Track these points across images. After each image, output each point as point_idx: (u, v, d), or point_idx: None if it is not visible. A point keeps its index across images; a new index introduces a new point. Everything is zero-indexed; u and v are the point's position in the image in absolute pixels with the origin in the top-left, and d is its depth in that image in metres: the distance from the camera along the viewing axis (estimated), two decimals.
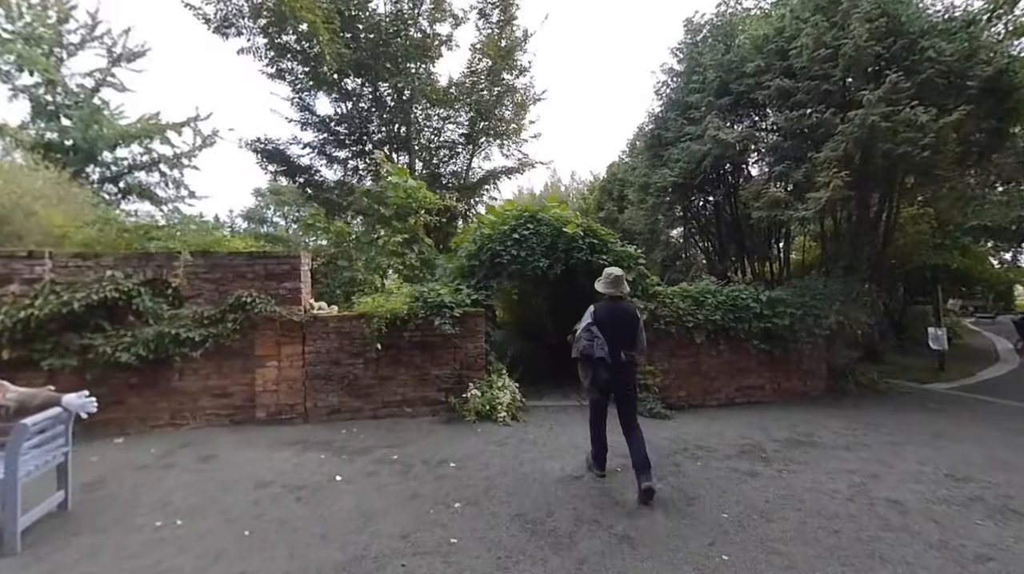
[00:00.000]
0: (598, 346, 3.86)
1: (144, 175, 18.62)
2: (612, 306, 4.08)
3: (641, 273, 7.05)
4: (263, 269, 5.76)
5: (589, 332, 3.94)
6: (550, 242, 6.82)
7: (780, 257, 10.93)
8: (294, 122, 14.93)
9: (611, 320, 3.98)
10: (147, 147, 18.23)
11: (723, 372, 7.16)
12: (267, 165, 14.44)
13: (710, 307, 6.93)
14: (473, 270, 6.78)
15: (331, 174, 16.42)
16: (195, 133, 16.27)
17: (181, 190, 17.57)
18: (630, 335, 4.02)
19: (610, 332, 3.92)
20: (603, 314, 4.02)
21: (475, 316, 6.27)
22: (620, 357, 3.93)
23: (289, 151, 14.78)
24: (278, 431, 5.57)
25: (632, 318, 4.07)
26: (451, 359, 6.20)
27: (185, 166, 18.77)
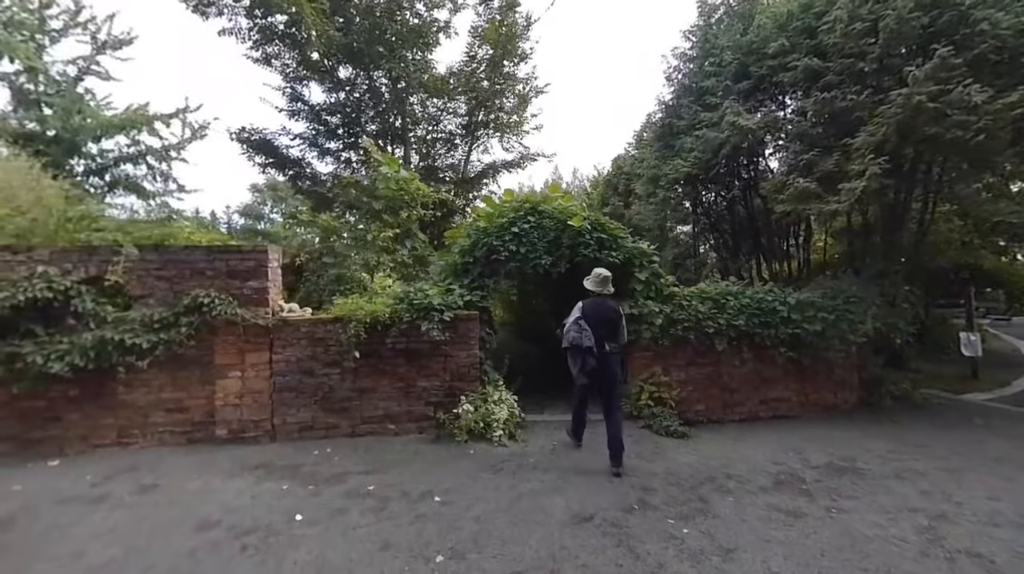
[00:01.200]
0: (586, 337, 4.31)
1: (132, 168, 17.92)
2: (598, 302, 4.60)
3: (655, 272, 6.31)
4: (224, 266, 5.02)
5: (578, 325, 4.37)
6: (553, 237, 6.08)
7: (799, 256, 10.17)
8: (284, 111, 14.18)
9: (597, 315, 4.48)
10: (134, 139, 17.54)
11: (746, 383, 6.42)
12: (253, 156, 13.68)
13: (732, 310, 6.18)
14: (467, 268, 6.04)
15: (323, 167, 15.69)
16: (184, 125, 15.55)
17: (170, 183, 16.87)
18: (613, 329, 4.54)
19: (596, 325, 4.39)
20: (590, 309, 4.51)
21: (468, 320, 5.53)
22: (605, 348, 4.42)
23: (277, 142, 14.03)
24: (240, 452, 4.84)
25: (616, 313, 4.61)
26: (440, 369, 5.46)
27: (174, 159, 18.06)
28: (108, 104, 16.27)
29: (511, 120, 16.27)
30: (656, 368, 6.13)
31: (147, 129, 17.59)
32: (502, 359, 6.20)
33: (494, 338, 6.10)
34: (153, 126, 17.55)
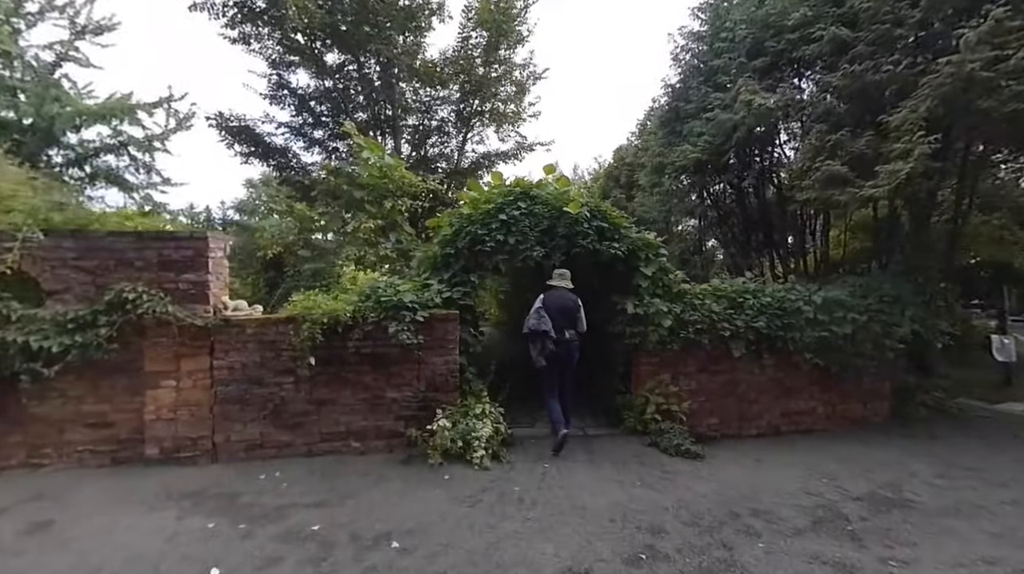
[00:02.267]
0: (543, 322, 4.66)
1: (114, 159, 17.18)
2: (558, 294, 4.95)
3: (662, 266, 5.53)
4: (156, 255, 4.25)
5: (538, 314, 4.73)
6: (547, 225, 5.30)
7: (816, 251, 9.39)
8: (267, 97, 13.38)
9: (556, 304, 4.85)
10: (116, 129, 16.80)
11: (766, 393, 5.65)
12: (232, 144, 12.89)
13: (751, 311, 5.40)
14: (448, 261, 5.26)
15: (310, 157, 14.92)
16: (168, 114, 14.74)
17: (153, 176, 16.12)
18: (572, 318, 4.89)
19: (555, 315, 4.76)
20: (550, 300, 4.87)
21: (446, 320, 4.76)
22: (564, 335, 4.78)
23: (259, 129, 13.23)
24: (171, 476, 4.08)
25: (574, 303, 4.95)
26: (413, 377, 4.69)
27: (157, 150, 17.37)
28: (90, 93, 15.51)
29: (508, 109, 15.49)
30: (664, 376, 5.36)
31: (128, 118, 16.85)
32: (487, 365, 5.42)
33: (478, 341, 5.33)
34: (135, 115, 16.82)
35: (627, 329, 5.32)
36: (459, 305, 4.98)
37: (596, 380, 6.26)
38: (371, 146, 8.57)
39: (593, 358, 6.51)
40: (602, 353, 6.13)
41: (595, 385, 6.25)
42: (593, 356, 6.52)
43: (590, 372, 6.55)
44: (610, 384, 5.84)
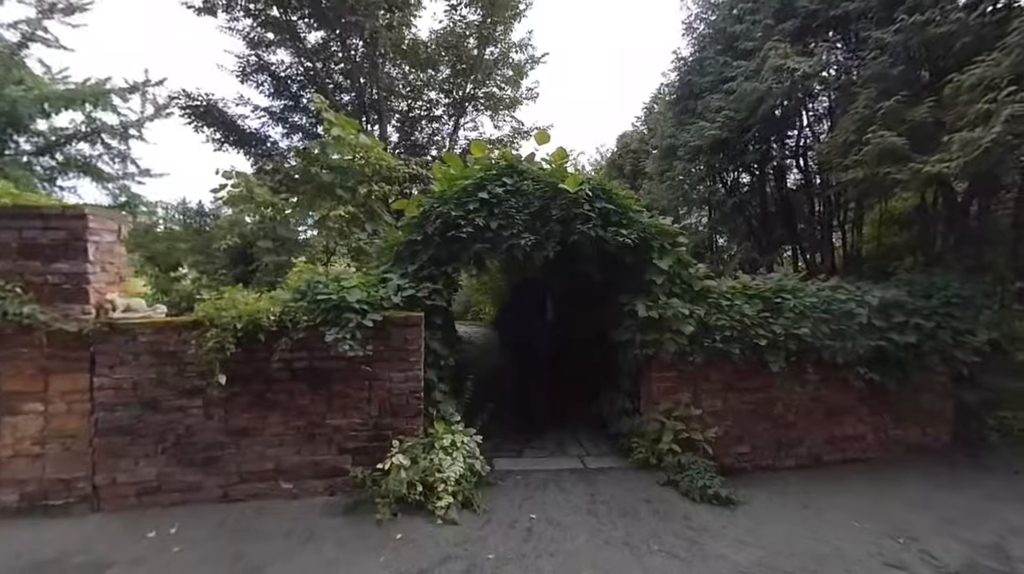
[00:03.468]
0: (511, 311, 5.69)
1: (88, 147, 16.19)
2: (527, 282, 5.90)
3: (681, 259, 4.48)
4: (14, 238, 3.20)
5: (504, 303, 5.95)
6: (538, 206, 4.25)
7: (845, 245, 8.33)
8: (239, 75, 12.32)
9: (525, 292, 5.62)
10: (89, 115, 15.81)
11: (806, 415, 4.60)
12: (200, 127, 11.84)
13: (791, 315, 4.34)
14: (414, 249, 4.21)
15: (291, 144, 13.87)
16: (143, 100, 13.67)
17: (128, 165, 15.10)
18: (541, 305, 5.41)
19: (524, 302, 5.47)
20: (520, 289, 5.81)
21: (406, 325, 3.71)
22: (533, 322, 5.31)
23: (231, 111, 12.17)
24: (31, 532, 3.04)
25: (542, 291, 5.54)
26: (362, 399, 3.64)
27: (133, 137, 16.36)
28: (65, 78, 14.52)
29: (504, 95, 14.45)
30: (682, 395, 4.31)
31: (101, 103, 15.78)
32: (463, 380, 4.37)
33: (453, 351, 4.28)
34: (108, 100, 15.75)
35: (637, 336, 4.27)
36: (427, 306, 3.93)
37: (598, 397, 5.21)
38: (343, 123, 7.48)
39: (594, 370, 5.46)
40: (605, 365, 5.09)
41: (596, 403, 5.20)
42: (594, 368, 5.48)
43: (590, 387, 5.51)
44: (615, 403, 4.79)
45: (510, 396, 6.10)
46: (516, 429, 5.10)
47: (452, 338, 4.48)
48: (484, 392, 4.53)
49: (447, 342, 4.22)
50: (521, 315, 5.51)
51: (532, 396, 5.16)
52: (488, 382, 6.93)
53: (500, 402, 4.67)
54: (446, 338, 4.21)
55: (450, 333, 4.43)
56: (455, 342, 4.70)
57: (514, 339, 5.77)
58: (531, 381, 5.23)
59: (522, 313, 5.47)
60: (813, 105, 7.85)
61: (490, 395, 4.53)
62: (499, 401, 4.64)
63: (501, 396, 5.70)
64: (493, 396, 4.57)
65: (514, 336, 5.78)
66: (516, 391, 5.51)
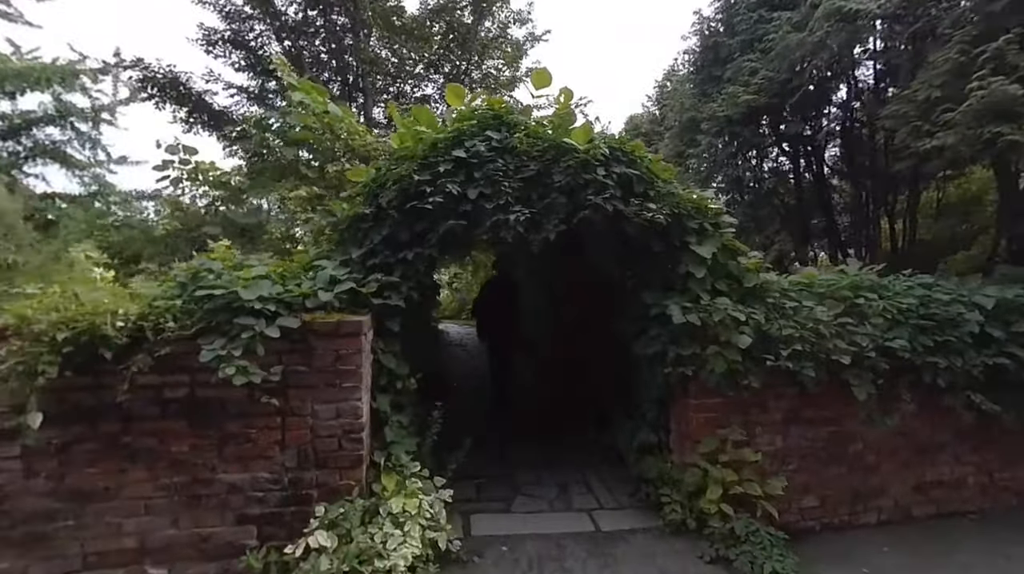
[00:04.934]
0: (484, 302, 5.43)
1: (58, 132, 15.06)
2: (501, 276, 5.68)
3: (728, 246, 3.32)
4: None
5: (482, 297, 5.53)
6: (535, 171, 3.09)
7: (895, 236, 7.16)
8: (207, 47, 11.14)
9: (500, 285, 5.52)
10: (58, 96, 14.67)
11: (890, 454, 3.44)
12: (162, 103, 10.67)
13: (881, 321, 3.18)
14: (362, 228, 3.06)
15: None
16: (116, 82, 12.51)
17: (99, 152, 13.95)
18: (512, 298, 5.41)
19: (498, 295, 5.36)
20: (495, 282, 5.61)
21: (340, 335, 2.53)
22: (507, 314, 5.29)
23: (196, 85, 10.99)
24: None
25: (517, 288, 5.58)
26: (272, 444, 2.47)
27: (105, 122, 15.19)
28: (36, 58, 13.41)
29: (502, 76, 13.29)
30: (731, 431, 3.13)
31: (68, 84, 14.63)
32: (430, 407, 3.21)
33: (414, 369, 3.10)
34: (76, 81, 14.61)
35: (670, 349, 3.11)
36: (377, 306, 2.77)
37: (611, 425, 4.05)
38: (307, 88, 6.29)
39: (607, 389, 4.32)
40: (623, 383, 3.94)
41: (610, 432, 4.04)
42: (607, 386, 4.33)
43: (601, 408, 4.35)
44: (636, 435, 3.63)
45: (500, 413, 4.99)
46: (506, 461, 3.97)
47: (418, 349, 3.31)
48: (469, 411, 3.39)
49: (408, 356, 3.05)
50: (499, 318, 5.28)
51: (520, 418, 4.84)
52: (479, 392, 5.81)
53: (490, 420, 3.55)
54: (407, 350, 3.05)
55: (415, 343, 3.27)
56: (425, 354, 3.55)
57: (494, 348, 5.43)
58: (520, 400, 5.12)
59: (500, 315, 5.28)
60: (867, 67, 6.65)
61: (475, 416, 3.39)
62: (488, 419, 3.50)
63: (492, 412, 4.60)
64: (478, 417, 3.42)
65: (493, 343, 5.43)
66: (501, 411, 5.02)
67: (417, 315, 3.30)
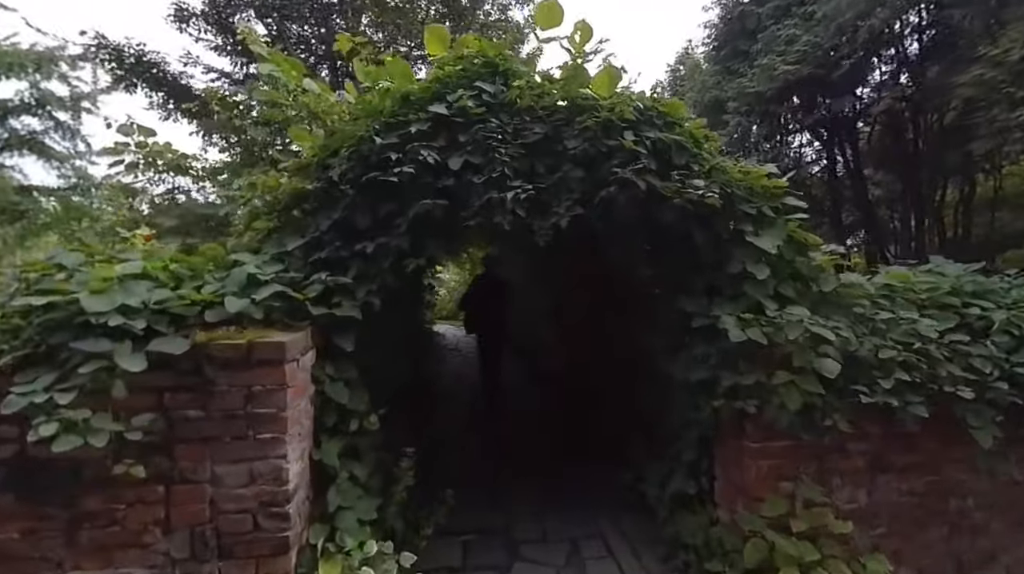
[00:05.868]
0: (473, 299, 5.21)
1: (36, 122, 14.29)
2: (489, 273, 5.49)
3: (797, 238, 2.52)
4: None
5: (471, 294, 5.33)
6: (542, 136, 2.29)
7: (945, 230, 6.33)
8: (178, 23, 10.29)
9: (488, 283, 5.31)
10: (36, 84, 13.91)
11: (1005, 511, 2.63)
12: (133, 86, 9.86)
13: (1007, 339, 2.36)
14: (307, 209, 2.26)
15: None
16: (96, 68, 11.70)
17: (78, 142, 13.21)
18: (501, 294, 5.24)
19: (486, 291, 5.18)
20: (484, 279, 5.40)
21: (255, 365, 1.72)
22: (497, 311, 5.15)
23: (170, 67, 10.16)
24: None
25: (505, 284, 5.37)
26: (149, 525, 1.67)
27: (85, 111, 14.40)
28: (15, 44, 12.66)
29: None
30: (801, 486, 2.33)
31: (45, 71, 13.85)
32: (400, 448, 2.40)
33: (372, 404, 2.28)
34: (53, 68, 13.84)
35: (723, 376, 2.31)
36: (321, 318, 1.98)
37: (633, 463, 3.24)
38: (279, 60, 5.46)
39: (628, 418, 3.52)
40: (647, 411, 3.14)
41: (631, 473, 3.23)
42: (627, 414, 3.54)
43: (616, 441, 3.56)
44: (669, 480, 2.82)
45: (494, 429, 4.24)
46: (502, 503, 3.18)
47: (389, 372, 2.51)
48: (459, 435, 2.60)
49: (370, 384, 2.25)
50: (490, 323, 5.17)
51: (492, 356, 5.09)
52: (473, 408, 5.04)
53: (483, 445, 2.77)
54: (367, 376, 2.25)
55: (382, 364, 2.47)
56: (400, 373, 2.74)
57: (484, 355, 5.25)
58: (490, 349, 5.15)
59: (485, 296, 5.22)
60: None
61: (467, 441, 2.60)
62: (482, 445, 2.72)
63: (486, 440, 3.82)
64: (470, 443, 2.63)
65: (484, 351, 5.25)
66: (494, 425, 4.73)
67: (385, 327, 2.49)
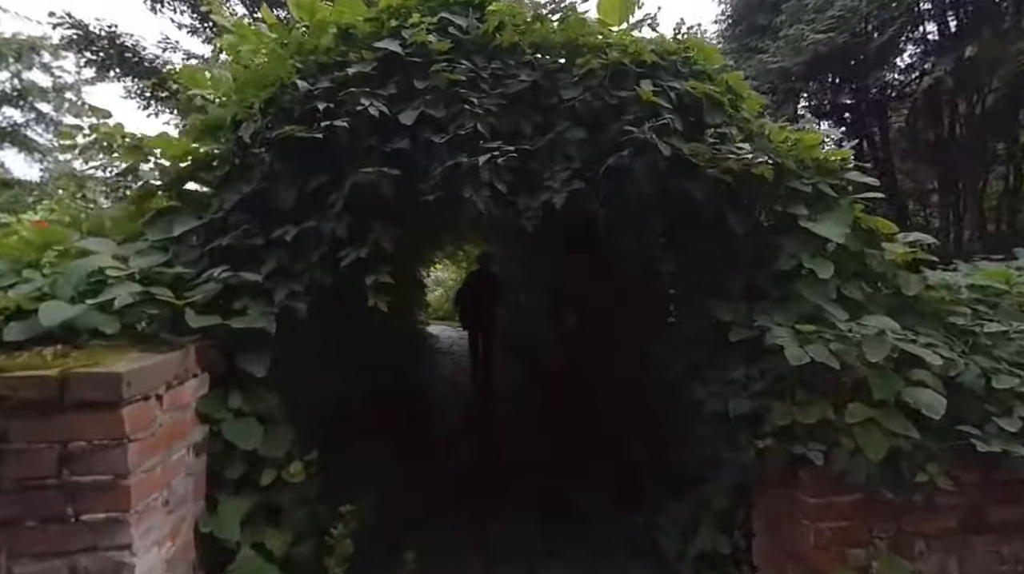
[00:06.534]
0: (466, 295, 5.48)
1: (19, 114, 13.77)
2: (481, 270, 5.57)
3: (864, 224, 1.91)
4: None
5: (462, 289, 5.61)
6: (529, 84, 1.69)
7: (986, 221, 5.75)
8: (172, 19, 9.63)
9: (480, 279, 5.46)
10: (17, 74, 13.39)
11: None
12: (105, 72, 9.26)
13: None
14: (208, 180, 1.66)
15: None
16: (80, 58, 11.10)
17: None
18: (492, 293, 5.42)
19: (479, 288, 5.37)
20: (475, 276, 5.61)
21: (72, 408, 1.12)
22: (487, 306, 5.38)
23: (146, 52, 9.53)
24: None
25: (495, 280, 5.53)
26: None
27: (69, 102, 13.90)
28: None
29: None
30: (869, 552, 1.73)
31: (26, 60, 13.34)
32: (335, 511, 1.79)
33: (286, 454, 1.67)
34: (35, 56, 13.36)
35: (775, 409, 1.70)
36: (215, 329, 1.38)
37: (645, 502, 2.63)
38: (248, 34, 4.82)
39: (637, 445, 2.93)
40: (663, 437, 2.54)
41: (642, 513, 2.62)
42: (635, 438, 2.95)
43: (622, 471, 2.96)
44: (695, 534, 2.21)
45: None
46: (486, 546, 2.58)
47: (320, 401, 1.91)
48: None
49: (293, 419, 1.65)
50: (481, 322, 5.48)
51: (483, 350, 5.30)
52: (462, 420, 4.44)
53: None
54: (290, 409, 1.64)
55: (314, 390, 1.86)
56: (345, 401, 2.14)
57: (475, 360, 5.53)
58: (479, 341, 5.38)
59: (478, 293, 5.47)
60: None
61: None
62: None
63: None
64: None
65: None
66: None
67: (321, 339, 1.88)
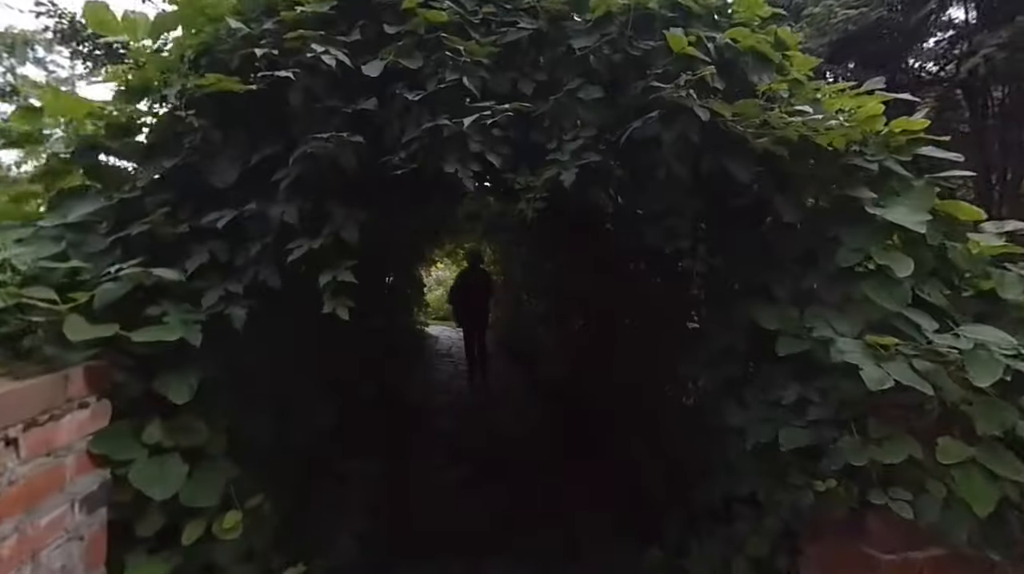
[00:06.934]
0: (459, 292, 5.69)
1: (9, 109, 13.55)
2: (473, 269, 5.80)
3: (944, 213, 1.54)
4: None
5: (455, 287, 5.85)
6: (532, 32, 1.34)
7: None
8: None
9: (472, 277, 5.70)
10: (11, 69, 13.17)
11: None
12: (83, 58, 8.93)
13: None
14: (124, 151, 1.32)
15: None
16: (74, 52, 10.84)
17: None
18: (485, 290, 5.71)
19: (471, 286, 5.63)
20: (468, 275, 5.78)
21: None
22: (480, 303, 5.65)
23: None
24: None
25: (487, 277, 5.99)
26: None
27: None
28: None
29: None
30: None
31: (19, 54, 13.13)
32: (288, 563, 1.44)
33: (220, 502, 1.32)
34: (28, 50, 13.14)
35: (844, 445, 1.34)
36: (127, 345, 1.04)
37: (665, 540, 2.27)
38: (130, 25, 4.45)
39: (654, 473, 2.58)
40: (684, 465, 2.19)
41: (661, 554, 2.26)
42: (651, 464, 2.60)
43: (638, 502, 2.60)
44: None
45: None
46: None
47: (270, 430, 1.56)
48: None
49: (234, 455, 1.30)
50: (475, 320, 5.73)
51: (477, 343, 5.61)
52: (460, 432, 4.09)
53: None
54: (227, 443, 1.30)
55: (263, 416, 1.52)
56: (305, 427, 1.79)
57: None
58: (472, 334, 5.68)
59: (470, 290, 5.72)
60: None
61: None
62: None
63: None
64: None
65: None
66: None
67: (272, 351, 1.54)
